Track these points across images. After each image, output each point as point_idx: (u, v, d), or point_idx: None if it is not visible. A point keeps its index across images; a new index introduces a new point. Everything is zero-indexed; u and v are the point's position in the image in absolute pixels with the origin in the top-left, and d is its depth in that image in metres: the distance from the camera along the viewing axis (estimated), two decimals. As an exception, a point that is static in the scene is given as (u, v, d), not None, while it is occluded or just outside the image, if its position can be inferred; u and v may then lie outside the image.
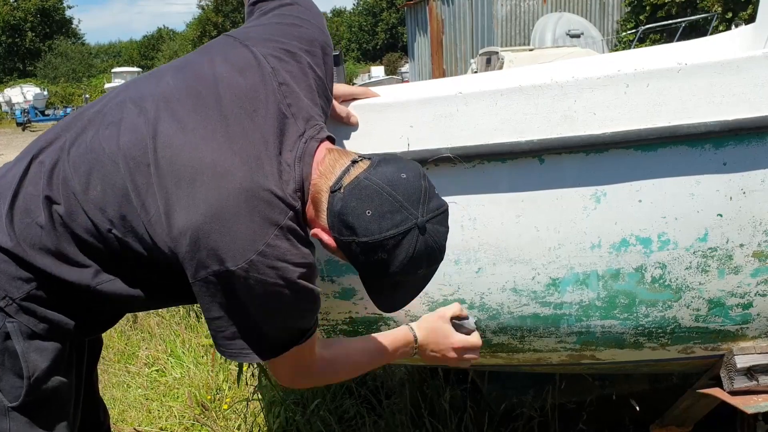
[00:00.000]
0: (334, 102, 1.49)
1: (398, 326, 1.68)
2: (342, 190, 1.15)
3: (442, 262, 1.55)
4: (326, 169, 1.20)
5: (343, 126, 1.51)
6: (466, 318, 1.55)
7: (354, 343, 1.52)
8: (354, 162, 1.19)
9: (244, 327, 1.19)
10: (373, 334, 1.53)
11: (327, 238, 1.20)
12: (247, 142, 1.17)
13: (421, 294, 1.59)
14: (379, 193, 1.12)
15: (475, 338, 1.54)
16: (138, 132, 1.18)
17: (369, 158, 1.20)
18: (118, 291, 1.25)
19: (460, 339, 1.53)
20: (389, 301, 1.29)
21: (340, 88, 1.52)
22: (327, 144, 1.26)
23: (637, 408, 2.28)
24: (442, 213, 1.18)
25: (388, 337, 1.51)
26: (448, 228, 1.20)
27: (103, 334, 1.47)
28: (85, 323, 1.30)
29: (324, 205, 1.18)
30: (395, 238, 1.12)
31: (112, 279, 1.23)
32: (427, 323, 1.54)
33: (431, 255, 1.17)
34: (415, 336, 1.52)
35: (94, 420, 1.48)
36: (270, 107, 1.22)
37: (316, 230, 1.22)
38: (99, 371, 3.67)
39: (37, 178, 1.21)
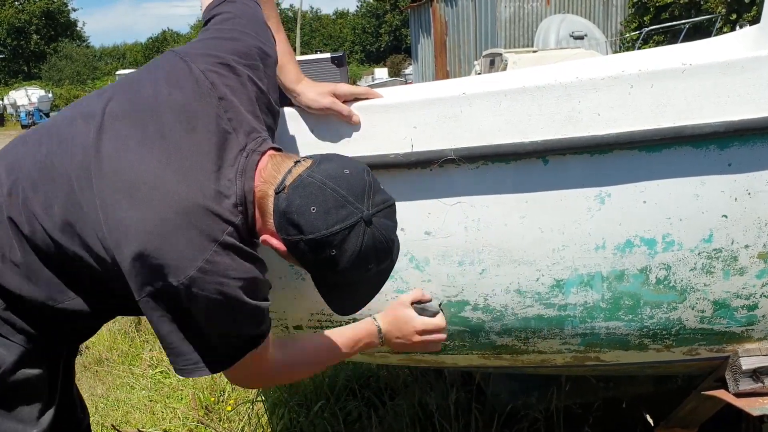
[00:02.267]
0: (335, 102, 1.50)
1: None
2: (285, 190, 1.15)
3: (445, 262, 1.56)
4: (269, 174, 1.20)
5: (346, 126, 1.51)
6: (429, 301, 1.56)
7: (311, 341, 1.53)
8: (297, 162, 1.20)
9: (194, 341, 1.20)
10: (336, 329, 1.54)
11: (276, 242, 1.19)
12: (184, 160, 1.18)
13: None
14: (322, 190, 1.12)
15: (438, 319, 1.56)
16: (86, 149, 1.20)
17: (312, 157, 1.21)
18: (82, 308, 1.28)
19: (422, 321, 1.55)
20: (347, 303, 1.29)
21: (342, 87, 1.53)
22: (270, 152, 1.25)
23: (644, 414, 2.28)
24: (389, 207, 1.18)
25: (349, 330, 1.54)
26: (396, 223, 1.20)
27: (108, 336, 1.48)
28: (58, 338, 1.33)
29: (270, 209, 1.18)
30: (342, 233, 1.12)
31: (74, 297, 1.26)
32: (388, 311, 1.57)
33: (380, 249, 1.16)
34: (378, 326, 1.55)
35: (71, 418, 1.48)
36: (209, 124, 1.22)
37: (264, 236, 1.22)
38: (103, 373, 3.68)
39: None
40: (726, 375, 1.70)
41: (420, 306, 1.55)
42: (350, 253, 1.13)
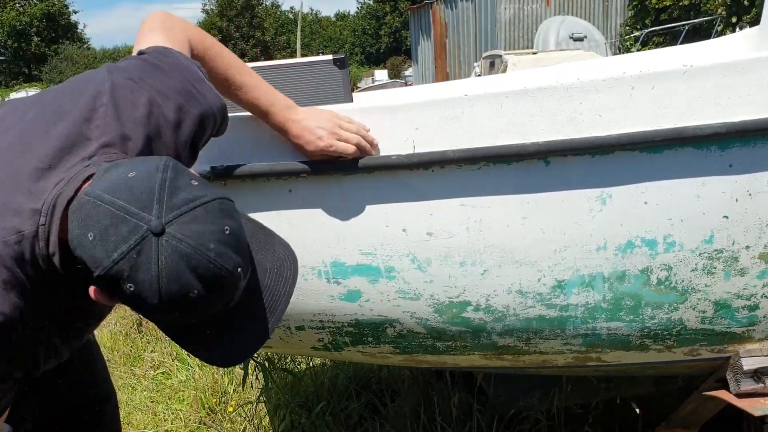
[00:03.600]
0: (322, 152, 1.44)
1: (404, 327, 1.68)
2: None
3: (447, 263, 1.57)
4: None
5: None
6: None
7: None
8: None
9: None
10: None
11: (92, 291, 0.92)
12: (23, 147, 1.02)
13: (426, 296, 1.61)
14: (96, 207, 0.86)
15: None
16: None
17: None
18: None
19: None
20: (220, 351, 0.99)
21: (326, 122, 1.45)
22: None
23: (641, 411, 2.28)
24: (199, 206, 0.87)
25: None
26: (219, 226, 0.88)
27: (109, 337, 1.44)
28: None
29: None
30: (129, 259, 0.83)
31: None
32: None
33: (198, 265, 0.85)
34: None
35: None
36: (71, 123, 1.04)
37: (90, 288, 0.94)
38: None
39: None
40: (727, 375, 1.70)
41: None
42: (149, 281, 0.84)
